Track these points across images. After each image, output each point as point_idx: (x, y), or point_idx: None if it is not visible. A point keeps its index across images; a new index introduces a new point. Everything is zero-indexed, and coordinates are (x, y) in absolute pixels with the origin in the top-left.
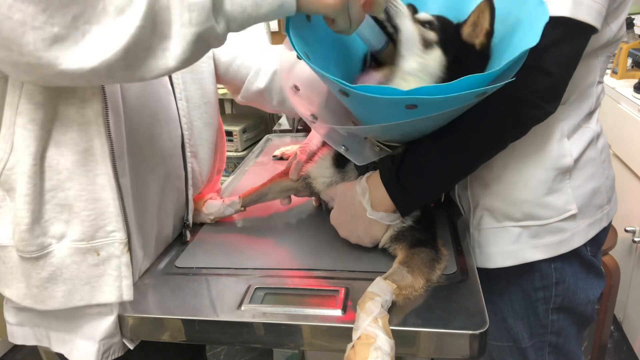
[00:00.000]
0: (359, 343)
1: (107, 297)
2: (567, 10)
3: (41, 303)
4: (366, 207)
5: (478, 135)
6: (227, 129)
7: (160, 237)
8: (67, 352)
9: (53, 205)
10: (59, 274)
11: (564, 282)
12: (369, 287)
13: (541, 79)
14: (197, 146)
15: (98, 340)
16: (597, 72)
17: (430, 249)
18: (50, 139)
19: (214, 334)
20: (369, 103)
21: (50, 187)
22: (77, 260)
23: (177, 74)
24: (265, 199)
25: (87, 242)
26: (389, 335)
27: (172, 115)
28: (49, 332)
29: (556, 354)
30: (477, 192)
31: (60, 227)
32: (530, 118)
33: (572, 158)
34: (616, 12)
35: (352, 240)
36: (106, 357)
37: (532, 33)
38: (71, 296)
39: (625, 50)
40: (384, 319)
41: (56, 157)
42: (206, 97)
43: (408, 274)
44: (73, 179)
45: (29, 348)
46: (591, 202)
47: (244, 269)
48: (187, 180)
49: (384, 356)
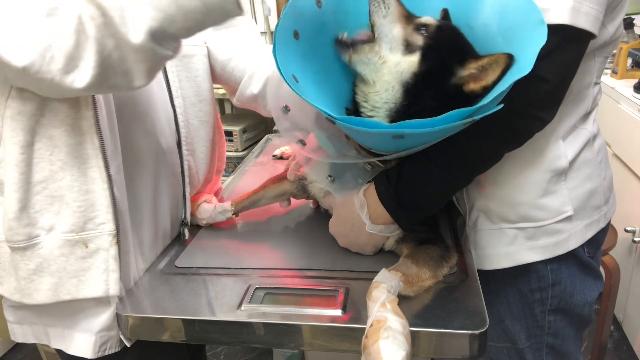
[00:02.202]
0: (371, 329)
1: (93, 291)
2: (566, 18)
3: (28, 297)
4: (365, 221)
5: (474, 151)
6: (227, 129)
7: (157, 234)
8: (66, 347)
9: (44, 196)
10: (46, 266)
11: (561, 283)
12: (374, 278)
13: (538, 87)
14: (194, 144)
15: (95, 333)
16: (593, 74)
17: (439, 246)
18: (41, 131)
19: (214, 334)
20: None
21: (42, 178)
22: (66, 252)
23: (173, 72)
24: (258, 204)
25: (76, 233)
26: (400, 316)
27: (167, 112)
28: (47, 329)
29: (554, 355)
30: (473, 194)
31: (50, 218)
32: (526, 130)
33: (567, 159)
34: (612, 13)
35: (354, 249)
36: (103, 350)
37: (526, 57)
38: (57, 290)
39: (625, 50)
40: (392, 303)
41: (49, 148)
42: (201, 95)
43: (413, 264)
44: (65, 169)
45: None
46: (588, 203)
47: (243, 269)
48: (183, 177)
49: (396, 334)
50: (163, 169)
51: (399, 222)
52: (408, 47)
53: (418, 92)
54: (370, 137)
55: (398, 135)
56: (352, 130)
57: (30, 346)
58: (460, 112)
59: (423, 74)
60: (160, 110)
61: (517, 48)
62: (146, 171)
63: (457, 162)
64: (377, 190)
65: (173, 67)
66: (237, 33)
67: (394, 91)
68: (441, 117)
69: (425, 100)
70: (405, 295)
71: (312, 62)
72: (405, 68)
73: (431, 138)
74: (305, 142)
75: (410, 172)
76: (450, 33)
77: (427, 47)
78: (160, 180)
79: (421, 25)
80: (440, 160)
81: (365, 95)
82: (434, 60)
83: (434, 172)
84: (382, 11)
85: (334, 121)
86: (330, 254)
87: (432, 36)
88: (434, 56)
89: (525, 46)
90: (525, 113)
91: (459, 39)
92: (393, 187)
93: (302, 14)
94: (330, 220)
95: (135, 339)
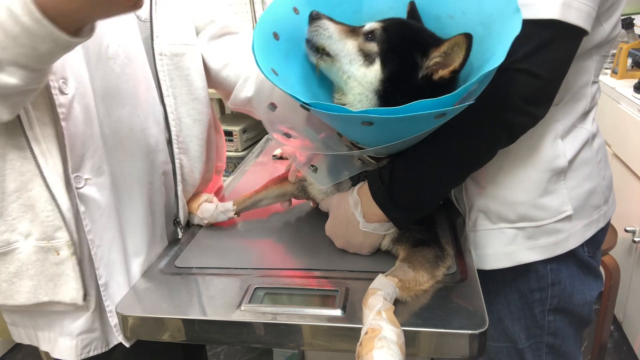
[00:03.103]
0: (365, 338)
1: (64, 296)
2: (555, 13)
3: (10, 298)
4: (359, 220)
5: (467, 148)
6: (227, 129)
7: (152, 234)
8: (51, 349)
9: (19, 205)
10: (25, 270)
11: (560, 283)
12: (371, 284)
13: (528, 82)
14: (187, 142)
15: (75, 336)
16: (591, 72)
17: (433, 247)
18: (12, 143)
19: (213, 334)
20: (331, 119)
21: (15, 188)
22: (41, 258)
23: (164, 71)
24: (260, 205)
25: (47, 241)
26: (395, 325)
27: (155, 111)
28: (36, 332)
29: (554, 354)
30: (472, 194)
31: (27, 225)
32: (518, 126)
33: (566, 159)
34: (608, 12)
35: (351, 250)
36: (87, 352)
37: (502, 47)
38: (36, 292)
39: (625, 50)
40: (388, 311)
41: (20, 160)
42: (194, 93)
43: (410, 269)
44: (34, 180)
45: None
46: (587, 202)
47: (243, 269)
48: (175, 175)
49: (390, 344)
50: (152, 167)
51: (394, 221)
52: (367, 57)
53: (391, 95)
54: (344, 124)
55: (367, 122)
56: (326, 117)
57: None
58: (425, 102)
59: (390, 78)
60: (148, 108)
61: (496, 37)
62: (133, 171)
63: (450, 159)
64: (370, 189)
65: (164, 67)
66: (232, 40)
67: (367, 100)
68: (406, 105)
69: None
70: (402, 300)
71: (296, 60)
72: (372, 78)
73: (404, 130)
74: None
75: (403, 170)
76: (399, 30)
77: (383, 51)
78: (150, 178)
79: (368, 33)
80: (432, 158)
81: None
82: (395, 62)
83: (427, 171)
84: (323, 33)
85: (308, 108)
86: (330, 253)
87: (383, 39)
88: (393, 58)
89: (502, 35)
90: (517, 108)
91: (411, 32)
92: (386, 186)
93: (280, 19)
94: (327, 222)
95: (135, 339)
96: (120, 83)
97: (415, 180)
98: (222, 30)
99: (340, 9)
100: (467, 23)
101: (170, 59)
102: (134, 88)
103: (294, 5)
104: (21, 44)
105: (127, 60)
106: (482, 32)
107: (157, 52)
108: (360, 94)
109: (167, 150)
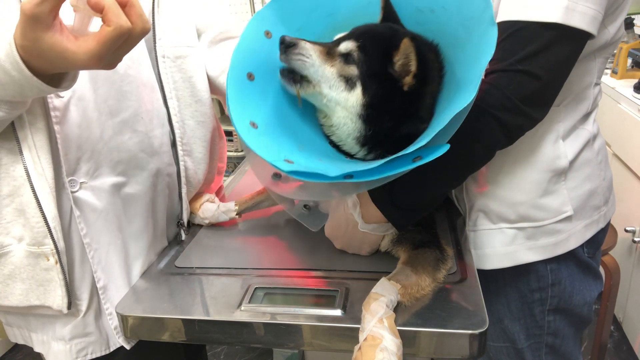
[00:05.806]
0: (365, 345)
1: (52, 302)
2: (558, 16)
3: (4, 299)
4: (357, 220)
5: (466, 149)
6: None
7: (156, 234)
8: (45, 352)
9: (12, 209)
10: (18, 273)
11: (560, 283)
12: (373, 288)
13: (528, 84)
14: (191, 144)
15: (68, 340)
16: (594, 74)
17: (434, 249)
18: (6, 146)
19: (214, 334)
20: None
21: (9, 192)
22: (32, 262)
23: (167, 74)
24: (261, 206)
25: (37, 247)
26: (396, 335)
27: (159, 113)
28: (30, 333)
29: (553, 354)
30: (473, 194)
31: (20, 230)
32: (516, 128)
33: (567, 160)
34: (613, 14)
35: (350, 251)
36: (83, 355)
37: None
38: (28, 295)
39: (625, 50)
40: (389, 319)
41: (12, 164)
42: (197, 95)
43: (412, 273)
44: (25, 186)
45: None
46: (587, 203)
47: (243, 269)
48: (179, 177)
49: (391, 356)
50: (156, 169)
51: (393, 222)
52: (348, 82)
53: (376, 117)
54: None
55: (348, 175)
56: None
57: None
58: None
59: (372, 102)
60: (152, 110)
61: (475, 49)
62: (136, 173)
63: (449, 161)
64: (369, 191)
65: (167, 69)
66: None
67: (352, 123)
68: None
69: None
70: (405, 304)
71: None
72: (354, 102)
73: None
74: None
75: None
76: (375, 46)
77: (363, 75)
78: (154, 180)
79: (346, 56)
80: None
81: (329, 129)
82: (375, 85)
83: (426, 173)
84: (307, 62)
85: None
86: (330, 253)
87: (362, 61)
88: (373, 79)
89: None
90: (515, 110)
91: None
92: (386, 189)
93: (252, 54)
94: (326, 223)
95: (135, 339)
96: (123, 85)
97: (414, 181)
98: (222, 34)
99: (316, 14)
100: (448, 19)
101: (173, 61)
102: (137, 90)
103: (266, 29)
104: (10, 89)
105: (130, 62)
106: (463, 35)
107: (159, 55)
108: (344, 117)
109: (171, 152)
